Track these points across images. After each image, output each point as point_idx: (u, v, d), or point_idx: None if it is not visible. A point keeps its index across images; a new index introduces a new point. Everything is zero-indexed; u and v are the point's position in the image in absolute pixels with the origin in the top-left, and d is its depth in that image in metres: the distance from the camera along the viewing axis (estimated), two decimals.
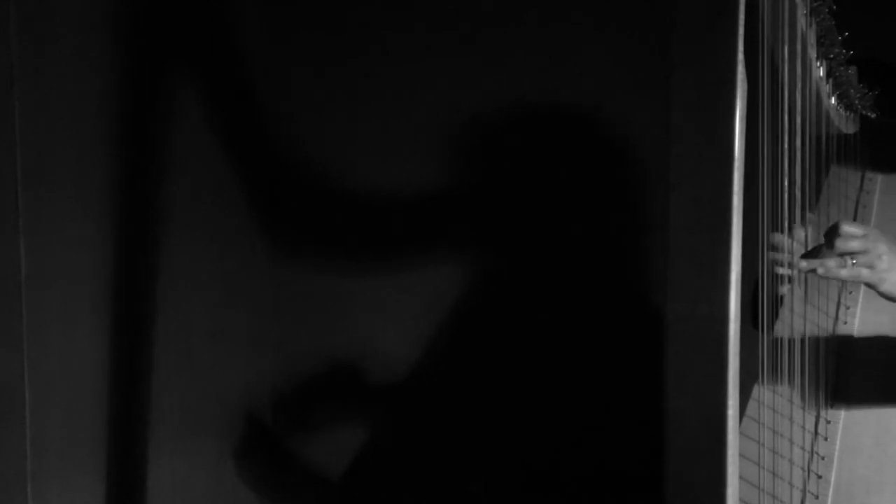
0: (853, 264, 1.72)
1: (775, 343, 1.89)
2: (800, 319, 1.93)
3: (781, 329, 1.95)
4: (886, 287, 1.76)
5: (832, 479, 1.83)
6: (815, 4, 1.75)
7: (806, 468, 1.84)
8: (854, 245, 1.72)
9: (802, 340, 1.89)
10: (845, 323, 2.07)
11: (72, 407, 2.32)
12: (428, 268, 2.85)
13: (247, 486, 2.81)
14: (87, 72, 2.34)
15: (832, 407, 1.94)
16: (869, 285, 1.76)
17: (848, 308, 2.09)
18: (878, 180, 2.39)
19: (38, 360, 2.19)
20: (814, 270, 1.71)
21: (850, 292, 2.12)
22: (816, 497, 1.80)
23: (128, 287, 2.46)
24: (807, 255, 1.74)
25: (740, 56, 1.32)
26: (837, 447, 1.87)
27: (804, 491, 1.80)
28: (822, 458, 1.86)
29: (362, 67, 2.84)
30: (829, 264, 1.71)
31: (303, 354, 2.91)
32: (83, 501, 2.37)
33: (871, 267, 1.73)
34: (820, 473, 1.83)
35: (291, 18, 2.85)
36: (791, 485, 1.79)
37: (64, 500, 2.29)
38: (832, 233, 1.72)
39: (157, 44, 2.51)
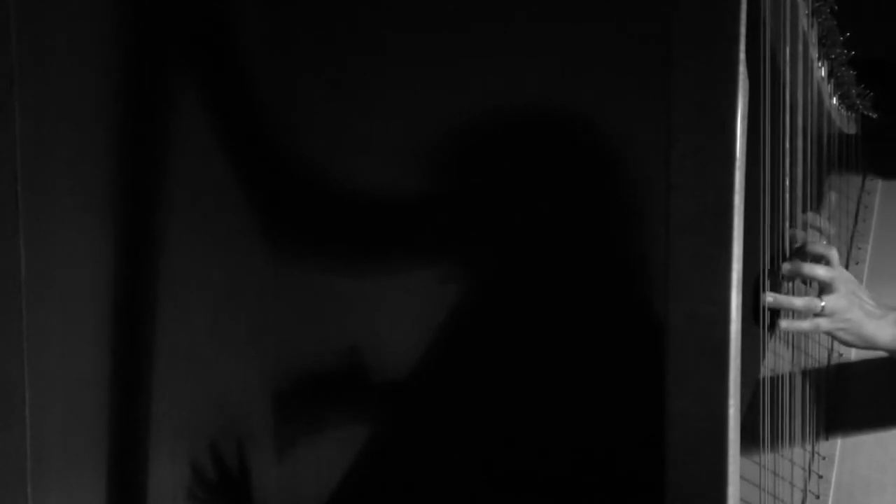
0: (822, 308, 1.68)
1: (776, 342, 1.89)
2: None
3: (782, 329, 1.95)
4: (844, 337, 1.72)
5: (833, 478, 1.83)
6: (817, 4, 1.75)
7: (807, 468, 1.83)
8: (820, 273, 1.69)
9: (804, 339, 1.89)
10: None
11: (72, 407, 2.32)
12: (428, 268, 2.85)
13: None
14: (88, 72, 2.33)
15: (833, 407, 1.94)
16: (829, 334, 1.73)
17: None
18: (880, 180, 2.39)
19: (38, 360, 2.18)
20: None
21: None
22: (817, 497, 1.80)
23: (128, 287, 2.46)
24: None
25: (742, 56, 1.32)
26: (838, 447, 1.87)
27: (805, 491, 1.80)
28: (823, 458, 1.85)
29: (363, 68, 2.83)
30: (797, 304, 1.67)
31: (303, 355, 2.91)
32: (83, 501, 2.37)
33: (831, 314, 1.70)
34: (821, 473, 1.83)
35: (292, 19, 2.85)
36: (792, 484, 1.78)
37: (64, 500, 2.29)
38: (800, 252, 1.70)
39: (158, 44, 2.51)
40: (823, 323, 1.69)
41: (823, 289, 1.69)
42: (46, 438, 2.22)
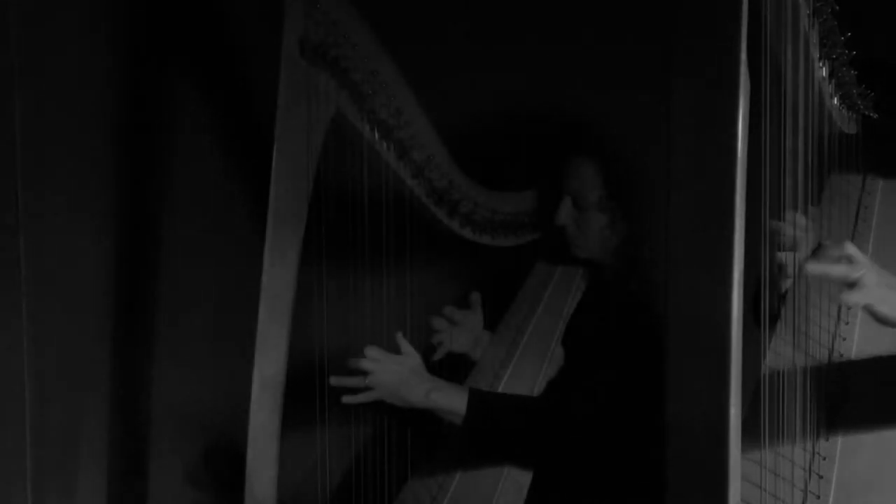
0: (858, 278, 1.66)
1: (777, 342, 1.89)
2: (802, 319, 1.93)
3: (783, 328, 1.95)
4: (882, 309, 1.70)
5: (833, 478, 1.83)
6: (818, 5, 1.75)
7: (807, 468, 1.83)
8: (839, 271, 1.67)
9: (804, 340, 1.89)
10: (847, 323, 2.07)
11: (72, 407, 2.32)
12: (428, 268, 2.85)
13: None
14: (88, 72, 2.34)
15: (833, 407, 1.94)
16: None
17: (849, 308, 2.08)
18: (880, 181, 2.39)
19: (38, 360, 2.19)
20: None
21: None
22: (818, 497, 1.80)
23: (128, 287, 2.46)
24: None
25: (743, 57, 1.33)
26: (839, 447, 1.87)
27: (805, 491, 1.80)
28: (824, 459, 1.85)
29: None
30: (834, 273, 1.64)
31: (303, 354, 2.91)
32: (83, 501, 2.37)
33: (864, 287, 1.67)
34: (821, 473, 1.83)
35: None
36: (792, 484, 1.78)
37: (64, 500, 2.29)
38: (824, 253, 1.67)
39: (158, 44, 2.51)
40: (856, 295, 1.66)
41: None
42: (46, 438, 2.22)
